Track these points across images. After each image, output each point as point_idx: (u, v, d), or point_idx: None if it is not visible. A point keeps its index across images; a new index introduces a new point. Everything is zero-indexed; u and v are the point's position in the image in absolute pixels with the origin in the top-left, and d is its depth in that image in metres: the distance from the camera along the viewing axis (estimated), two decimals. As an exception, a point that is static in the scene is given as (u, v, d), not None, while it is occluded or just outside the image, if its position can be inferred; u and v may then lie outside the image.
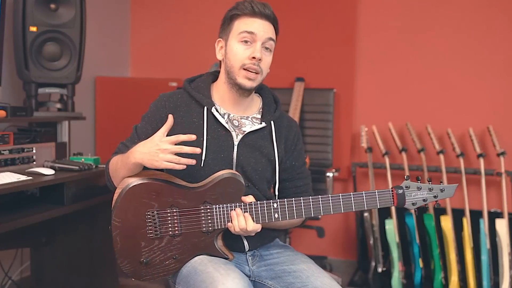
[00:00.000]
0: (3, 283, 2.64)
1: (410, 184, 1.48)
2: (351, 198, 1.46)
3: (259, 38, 1.54)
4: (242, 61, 1.54)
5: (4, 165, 2.17)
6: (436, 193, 1.48)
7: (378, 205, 1.47)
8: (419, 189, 1.47)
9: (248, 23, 1.54)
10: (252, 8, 1.54)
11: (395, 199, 1.47)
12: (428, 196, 1.47)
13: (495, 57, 2.96)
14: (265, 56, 1.57)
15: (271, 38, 1.57)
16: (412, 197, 1.47)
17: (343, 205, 1.47)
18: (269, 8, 1.57)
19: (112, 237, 1.49)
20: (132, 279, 1.52)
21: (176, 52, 3.60)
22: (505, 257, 2.74)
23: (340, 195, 1.47)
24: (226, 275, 1.37)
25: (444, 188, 1.48)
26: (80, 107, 2.96)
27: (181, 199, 1.49)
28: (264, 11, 1.55)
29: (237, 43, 1.55)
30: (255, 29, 1.54)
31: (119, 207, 1.48)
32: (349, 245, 3.32)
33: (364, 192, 1.47)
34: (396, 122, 3.07)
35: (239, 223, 1.45)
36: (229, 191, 1.49)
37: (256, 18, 1.55)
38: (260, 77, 1.57)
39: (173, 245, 1.49)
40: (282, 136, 1.66)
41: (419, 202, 1.47)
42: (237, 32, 1.55)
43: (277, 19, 1.60)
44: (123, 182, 1.50)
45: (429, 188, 1.47)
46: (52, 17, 2.50)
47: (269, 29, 1.57)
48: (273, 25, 1.59)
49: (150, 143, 1.43)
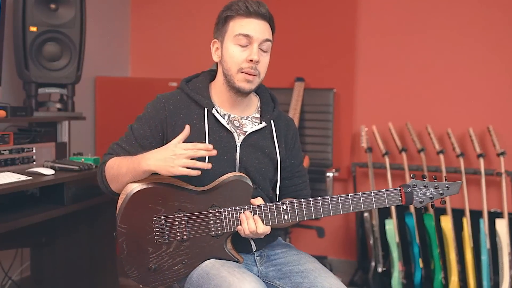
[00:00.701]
0: (3, 283, 2.64)
1: (417, 182, 1.48)
2: (360, 198, 1.47)
3: (255, 40, 1.51)
4: (239, 64, 1.52)
5: (4, 165, 2.17)
6: (442, 190, 1.49)
7: (387, 204, 1.47)
8: (425, 187, 1.48)
9: (243, 24, 1.51)
10: (247, 8, 1.51)
11: (403, 198, 1.47)
12: (434, 193, 1.49)
13: (495, 57, 2.96)
14: (262, 57, 1.54)
15: (267, 39, 1.54)
16: (419, 195, 1.48)
17: (352, 205, 1.47)
18: (264, 6, 1.54)
19: (118, 244, 1.47)
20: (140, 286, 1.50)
21: (176, 52, 3.60)
22: (505, 257, 2.74)
23: (349, 195, 1.47)
24: (242, 279, 1.36)
25: (449, 186, 1.49)
26: (80, 107, 2.96)
27: (188, 203, 1.47)
28: (259, 11, 1.52)
29: (233, 45, 1.52)
30: (250, 31, 1.51)
31: (124, 213, 1.46)
32: (349, 245, 3.32)
33: (373, 191, 1.47)
34: (396, 122, 3.07)
35: (249, 226, 1.45)
36: (237, 194, 1.48)
37: (251, 19, 1.52)
38: (258, 79, 1.56)
39: (182, 250, 1.47)
40: (281, 134, 1.66)
41: (426, 200, 1.49)
42: (233, 34, 1.52)
43: (272, 17, 1.57)
44: (127, 187, 1.47)
45: (435, 186, 1.48)
46: (52, 17, 2.49)
47: (265, 29, 1.54)
48: (269, 23, 1.56)
49: (166, 151, 1.40)
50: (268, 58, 1.57)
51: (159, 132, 1.56)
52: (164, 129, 1.56)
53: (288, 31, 3.30)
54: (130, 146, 1.56)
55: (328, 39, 3.23)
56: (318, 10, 3.25)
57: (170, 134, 1.56)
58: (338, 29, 3.21)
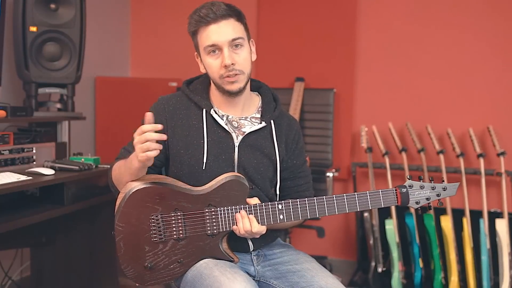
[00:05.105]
0: (3, 283, 2.65)
1: (413, 183, 1.48)
2: (355, 198, 1.47)
3: (222, 45, 1.50)
4: (218, 72, 1.53)
5: (4, 165, 2.17)
6: (438, 191, 1.48)
7: (383, 204, 1.47)
8: (422, 188, 1.48)
9: (207, 34, 1.50)
10: (201, 17, 1.50)
11: (398, 198, 1.47)
12: (431, 194, 1.48)
13: (495, 57, 2.95)
14: (238, 55, 1.52)
15: (234, 38, 1.50)
16: (415, 196, 1.48)
17: (348, 205, 1.47)
18: (218, 5, 1.50)
19: (116, 242, 1.48)
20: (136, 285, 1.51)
21: (176, 52, 3.59)
22: (505, 257, 2.74)
23: (344, 195, 1.47)
24: (233, 279, 1.37)
25: (446, 187, 1.49)
26: (80, 107, 2.96)
27: (185, 203, 1.48)
28: (216, 13, 1.49)
29: (207, 57, 1.53)
30: (214, 39, 1.49)
31: (122, 212, 1.47)
32: (349, 245, 3.32)
33: (368, 192, 1.47)
34: (396, 122, 3.07)
35: (244, 225, 1.45)
36: (234, 194, 1.49)
37: (211, 25, 1.50)
38: (243, 76, 1.54)
39: (178, 249, 1.49)
40: (282, 135, 1.66)
41: (422, 201, 1.48)
42: (202, 47, 1.53)
43: (234, 8, 1.53)
44: (126, 186, 1.49)
45: (432, 187, 1.48)
46: (52, 17, 2.50)
47: (229, 29, 1.50)
48: (233, 16, 1.52)
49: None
50: (246, 51, 1.54)
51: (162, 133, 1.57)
52: (165, 130, 1.57)
53: (288, 31, 3.30)
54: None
55: (328, 39, 3.23)
56: (318, 10, 3.25)
57: (170, 135, 1.57)
58: (338, 29, 3.21)
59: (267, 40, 3.28)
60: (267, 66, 3.29)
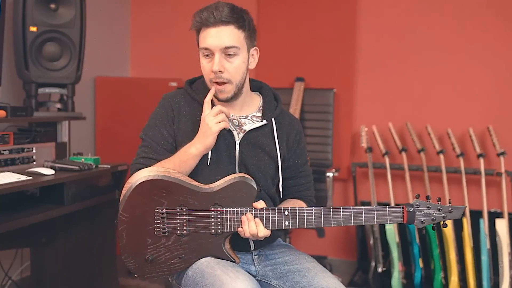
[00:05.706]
0: (3, 283, 2.65)
1: (420, 203, 1.49)
2: (362, 212, 1.48)
3: (215, 50, 1.50)
4: (208, 75, 1.54)
5: (4, 165, 2.17)
6: (445, 213, 1.49)
7: (388, 221, 1.48)
8: (428, 208, 1.49)
9: (204, 36, 1.51)
10: (202, 19, 1.50)
11: (405, 217, 1.48)
12: (437, 216, 1.49)
13: (495, 57, 2.96)
14: (229, 63, 1.52)
15: (228, 47, 1.50)
16: (421, 215, 1.49)
17: (354, 218, 1.48)
18: (224, 8, 1.49)
19: (118, 231, 1.48)
20: (135, 276, 1.51)
21: (176, 52, 3.60)
22: (505, 257, 2.74)
23: (351, 208, 1.48)
24: (235, 278, 1.37)
25: (453, 209, 1.49)
26: (80, 107, 2.96)
27: (191, 199, 1.48)
28: (216, 18, 1.48)
29: (202, 57, 1.55)
30: (209, 44, 1.50)
31: (127, 202, 1.46)
32: (349, 245, 3.32)
33: (375, 207, 1.48)
34: (396, 122, 3.07)
35: (250, 228, 1.46)
36: (241, 195, 1.49)
37: (210, 28, 1.50)
38: (230, 86, 1.54)
39: (180, 244, 1.48)
40: (283, 133, 1.67)
41: (427, 221, 1.49)
42: (200, 47, 1.55)
43: (237, 16, 1.51)
44: (133, 177, 1.48)
45: (439, 208, 1.49)
46: (52, 17, 2.50)
47: (225, 35, 1.50)
48: (234, 23, 1.51)
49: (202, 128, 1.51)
50: (239, 60, 1.53)
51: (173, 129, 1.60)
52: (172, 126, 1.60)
53: (288, 31, 3.30)
54: (157, 154, 1.57)
55: (328, 39, 3.23)
56: (318, 10, 3.25)
57: (177, 131, 1.60)
58: (338, 29, 3.21)
59: (267, 40, 3.27)
60: (267, 66, 3.28)
